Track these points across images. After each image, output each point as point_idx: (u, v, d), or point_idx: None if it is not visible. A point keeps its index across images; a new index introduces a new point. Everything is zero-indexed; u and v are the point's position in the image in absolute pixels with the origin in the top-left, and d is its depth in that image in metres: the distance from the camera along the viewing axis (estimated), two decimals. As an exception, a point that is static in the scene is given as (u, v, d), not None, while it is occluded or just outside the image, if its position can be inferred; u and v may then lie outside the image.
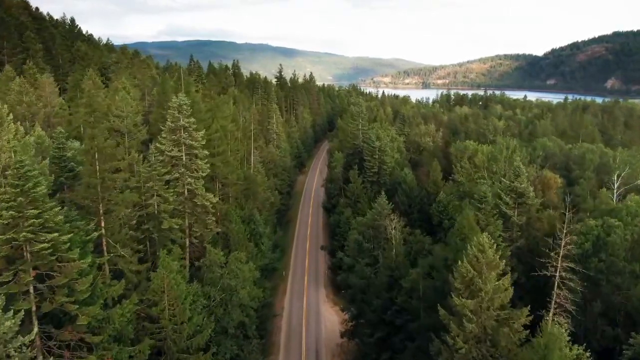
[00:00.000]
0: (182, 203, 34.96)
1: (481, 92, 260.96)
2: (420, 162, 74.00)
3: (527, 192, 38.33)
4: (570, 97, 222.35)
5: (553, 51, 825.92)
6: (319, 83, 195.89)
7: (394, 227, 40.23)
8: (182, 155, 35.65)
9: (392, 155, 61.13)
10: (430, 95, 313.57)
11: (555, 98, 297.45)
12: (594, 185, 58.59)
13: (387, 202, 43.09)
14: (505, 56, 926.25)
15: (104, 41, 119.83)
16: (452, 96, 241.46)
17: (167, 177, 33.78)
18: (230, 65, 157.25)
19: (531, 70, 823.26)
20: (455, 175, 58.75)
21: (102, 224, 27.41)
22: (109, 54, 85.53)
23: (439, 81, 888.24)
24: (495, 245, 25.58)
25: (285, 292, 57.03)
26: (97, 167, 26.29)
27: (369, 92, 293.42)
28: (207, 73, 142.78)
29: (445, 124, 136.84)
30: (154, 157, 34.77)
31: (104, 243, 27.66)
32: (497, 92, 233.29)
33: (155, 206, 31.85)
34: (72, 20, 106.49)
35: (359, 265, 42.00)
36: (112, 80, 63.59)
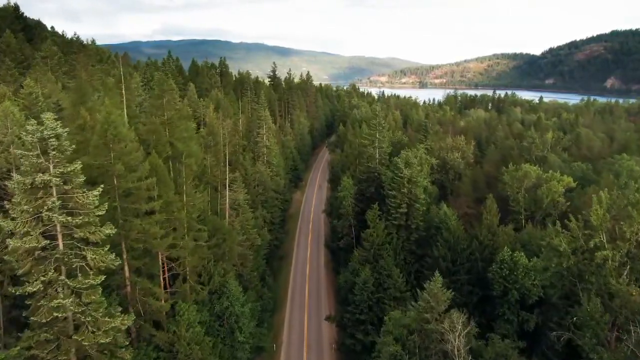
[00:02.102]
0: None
1: (486, 92, 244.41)
2: (454, 189, 56.44)
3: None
4: (570, 97, 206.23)
5: (551, 50, 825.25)
6: (315, 83, 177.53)
7: (459, 335, 22.90)
8: (56, 243, 17.78)
9: (423, 184, 43.51)
10: (429, 95, 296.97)
11: (555, 98, 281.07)
12: None
13: (443, 288, 25.66)
14: (503, 55, 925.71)
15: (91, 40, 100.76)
16: (458, 97, 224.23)
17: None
18: (218, 63, 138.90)
19: (529, 69, 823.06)
20: (515, 215, 41.12)
21: None
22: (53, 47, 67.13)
23: (436, 80, 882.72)
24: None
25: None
26: None
27: (368, 92, 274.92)
28: (190, 72, 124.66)
29: (460, 130, 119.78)
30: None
31: None
32: (507, 92, 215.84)
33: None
34: (16, 6, 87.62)
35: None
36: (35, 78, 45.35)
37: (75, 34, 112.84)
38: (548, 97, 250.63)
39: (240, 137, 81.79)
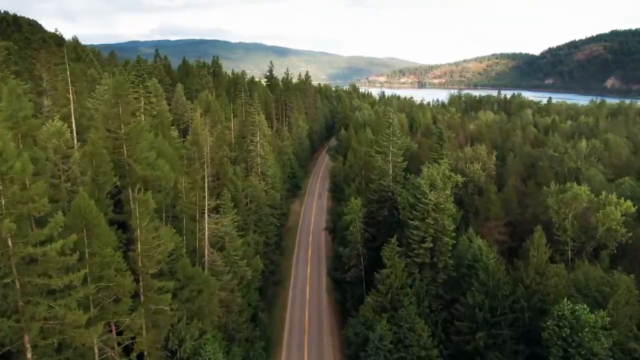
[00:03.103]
0: None
1: (486, 92, 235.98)
2: (478, 208, 47.95)
3: None
4: (570, 97, 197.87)
5: (550, 50, 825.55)
6: (313, 83, 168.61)
7: None
8: None
9: (450, 211, 34.95)
10: (428, 95, 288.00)
11: (556, 98, 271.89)
12: None
13: None
14: (502, 55, 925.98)
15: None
16: (462, 97, 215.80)
17: None
18: (215, 63, 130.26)
19: (528, 69, 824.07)
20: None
21: None
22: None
23: (435, 80, 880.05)
24: None
25: None
26: None
27: (369, 93, 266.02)
28: (181, 71, 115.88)
29: (470, 134, 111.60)
30: None
31: None
32: (513, 92, 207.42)
33: None
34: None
35: None
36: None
37: (56, 31, 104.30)
38: (547, 97, 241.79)
39: (232, 145, 73.40)
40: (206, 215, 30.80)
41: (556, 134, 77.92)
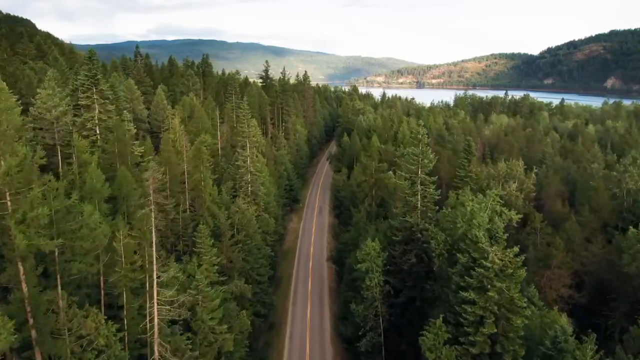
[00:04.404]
0: None
1: (491, 93, 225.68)
2: (523, 251, 36.89)
3: None
4: (571, 97, 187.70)
5: (549, 50, 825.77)
6: (311, 83, 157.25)
7: None
8: None
9: (521, 276, 23.89)
10: (427, 95, 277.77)
11: (556, 98, 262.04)
12: None
13: None
14: (501, 55, 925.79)
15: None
16: (467, 98, 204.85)
17: None
18: (204, 62, 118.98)
19: (527, 69, 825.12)
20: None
21: None
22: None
23: (434, 80, 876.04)
24: None
25: None
26: None
27: (369, 93, 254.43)
28: (167, 71, 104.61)
29: (487, 141, 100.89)
30: None
31: None
32: (525, 93, 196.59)
33: None
34: None
35: None
36: None
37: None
38: (549, 98, 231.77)
39: (219, 156, 62.39)
40: (155, 290, 19.66)
41: (610, 147, 66.97)
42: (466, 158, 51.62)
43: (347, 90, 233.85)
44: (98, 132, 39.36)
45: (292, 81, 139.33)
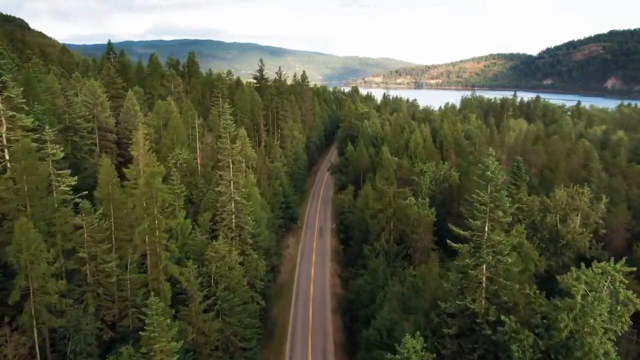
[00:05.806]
0: None
1: (490, 93, 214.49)
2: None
3: None
4: (570, 97, 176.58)
5: (548, 50, 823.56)
6: (309, 84, 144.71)
7: None
8: None
9: None
10: (426, 95, 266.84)
11: (556, 98, 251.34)
12: None
13: None
14: (499, 55, 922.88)
15: None
16: (474, 100, 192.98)
17: None
18: (190, 61, 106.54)
19: (526, 69, 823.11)
20: None
21: None
22: None
23: (432, 81, 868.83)
24: None
25: None
26: None
27: (370, 94, 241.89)
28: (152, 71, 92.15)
29: (510, 150, 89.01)
30: None
31: None
32: (537, 95, 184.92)
33: None
34: None
35: None
36: None
37: None
38: (549, 98, 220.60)
39: (198, 175, 50.20)
40: None
41: (621, 152, 55.28)
42: (514, 183, 39.42)
43: (346, 91, 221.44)
44: (7, 157, 27.09)
45: (289, 82, 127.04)
